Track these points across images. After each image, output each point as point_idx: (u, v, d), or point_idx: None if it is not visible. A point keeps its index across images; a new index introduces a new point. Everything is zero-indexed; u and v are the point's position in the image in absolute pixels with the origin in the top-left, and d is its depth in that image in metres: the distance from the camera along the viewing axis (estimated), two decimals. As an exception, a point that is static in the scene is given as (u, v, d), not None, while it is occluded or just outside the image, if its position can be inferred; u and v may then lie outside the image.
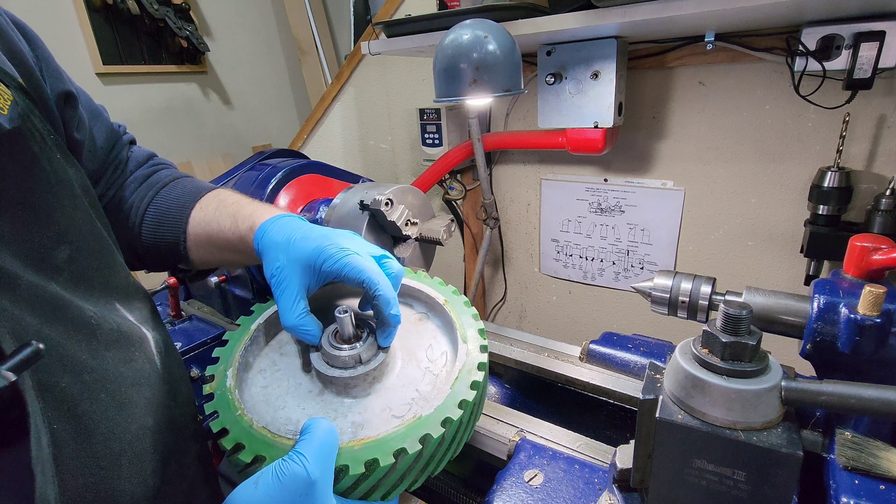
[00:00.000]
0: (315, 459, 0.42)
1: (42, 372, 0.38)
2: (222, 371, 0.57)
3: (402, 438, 0.48)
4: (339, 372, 0.56)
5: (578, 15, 1.02)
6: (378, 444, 0.48)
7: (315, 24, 3.17)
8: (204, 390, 0.55)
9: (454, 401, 0.52)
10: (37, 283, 0.41)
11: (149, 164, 0.75)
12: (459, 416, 0.51)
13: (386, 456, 0.47)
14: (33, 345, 0.34)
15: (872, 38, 0.96)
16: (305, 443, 0.44)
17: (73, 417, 0.40)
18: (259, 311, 0.67)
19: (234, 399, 0.53)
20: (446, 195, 1.76)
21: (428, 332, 0.66)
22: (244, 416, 0.51)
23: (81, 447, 0.40)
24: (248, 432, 0.49)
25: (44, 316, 0.41)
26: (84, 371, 0.43)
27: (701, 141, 1.33)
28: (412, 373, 0.60)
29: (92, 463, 0.41)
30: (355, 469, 0.46)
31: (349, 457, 0.46)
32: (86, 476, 0.40)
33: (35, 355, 0.34)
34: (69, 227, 0.47)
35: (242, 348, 0.61)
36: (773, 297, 0.56)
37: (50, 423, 0.37)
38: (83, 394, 0.42)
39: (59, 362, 0.40)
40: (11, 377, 0.33)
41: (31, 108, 0.46)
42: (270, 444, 0.48)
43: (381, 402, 0.56)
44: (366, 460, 0.46)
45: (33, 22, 0.56)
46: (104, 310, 0.49)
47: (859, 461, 0.46)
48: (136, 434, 0.46)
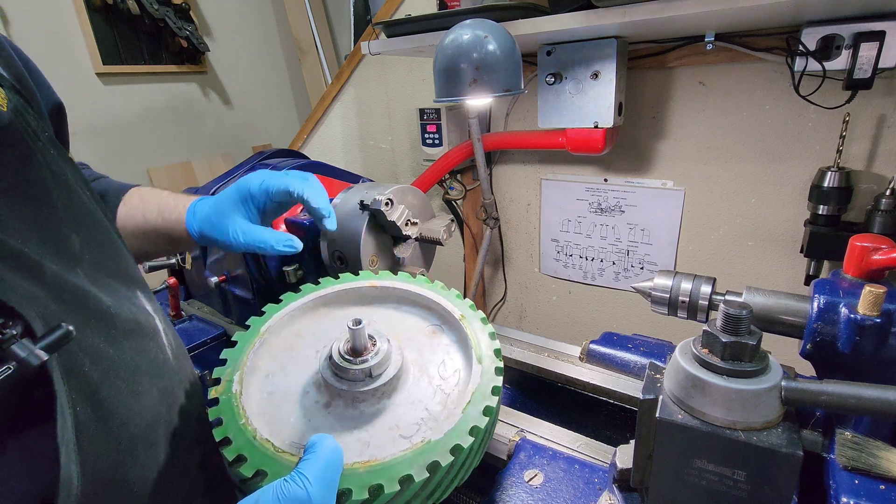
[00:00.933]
0: (318, 482, 0.42)
1: (66, 356, 0.39)
2: (229, 375, 0.56)
3: (410, 464, 0.46)
4: (347, 385, 0.54)
5: (578, 15, 1.02)
6: (384, 468, 0.46)
7: (315, 24, 3.17)
8: (209, 394, 0.54)
9: (465, 426, 0.50)
10: (60, 272, 0.42)
11: None
12: (470, 443, 0.49)
13: (391, 482, 0.45)
14: (63, 327, 0.36)
15: (872, 38, 0.96)
16: (309, 463, 0.43)
17: (95, 402, 0.41)
18: (270, 312, 0.65)
19: (238, 406, 0.52)
20: (446, 195, 1.76)
21: (441, 347, 0.63)
22: (248, 425, 0.50)
23: (101, 431, 0.41)
24: (251, 444, 0.48)
25: (66, 304, 0.42)
26: (103, 358, 0.44)
27: (701, 141, 1.33)
28: (423, 389, 0.57)
29: (110, 447, 0.42)
30: (359, 494, 0.44)
31: (353, 480, 0.45)
32: (104, 459, 0.41)
33: (65, 337, 0.36)
34: (73, 219, 0.48)
35: (251, 351, 0.59)
36: (773, 297, 0.56)
37: (74, 405, 0.39)
38: (103, 380, 0.43)
39: (80, 349, 0.42)
40: (44, 356, 0.35)
41: (25, 107, 0.47)
42: (273, 458, 0.47)
43: (390, 420, 0.54)
44: (370, 485, 0.45)
45: (33, 22, 0.56)
46: (119, 300, 0.50)
47: (859, 461, 0.46)
48: (150, 422, 0.48)
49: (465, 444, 0.49)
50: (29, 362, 0.34)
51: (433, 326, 0.67)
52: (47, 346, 0.35)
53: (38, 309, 0.38)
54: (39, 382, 0.37)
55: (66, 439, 0.37)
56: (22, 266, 0.39)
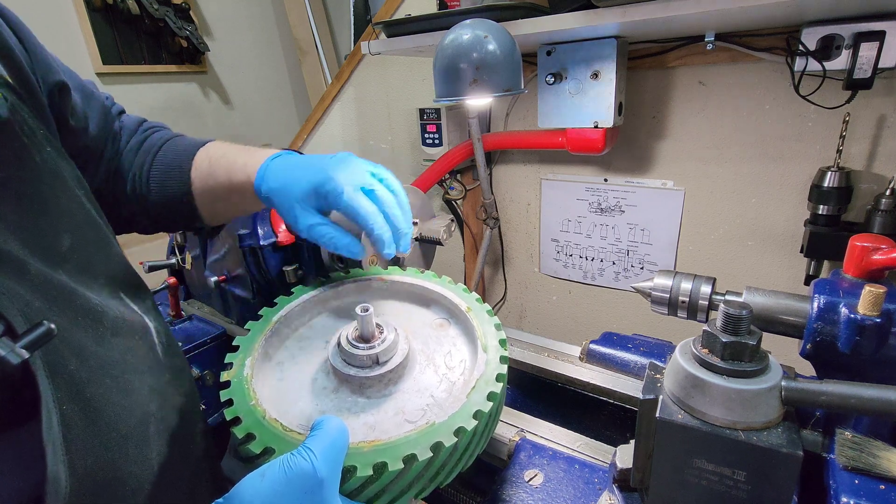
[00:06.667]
0: (323, 457, 0.42)
1: (51, 354, 0.39)
2: (241, 360, 0.58)
3: (414, 444, 0.47)
4: (355, 371, 0.56)
5: (578, 15, 1.02)
6: (388, 447, 0.47)
7: (315, 24, 3.17)
8: (221, 377, 0.56)
9: (469, 411, 0.51)
10: (44, 270, 0.42)
11: (140, 131, 0.75)
12: (473, 426, 0.50)
13: (395, 461, 0.46)
14: (45, 324, 0.36)
15: (872, 37, 0.96)
16: (315, 439, 0.44)
17: (82, 400, 0.41)
18: (283, 304, 0.67)
19: (249, 388, 0.54)
20: (446, 195, 1.76)
21: (448, 338, 0.65)
22: (258, 406, 0.51)
23: (89, 429, 0.41)
24: (261, 423, 0.50)
25: (51, 302, 0.42)
26: (90, 357, 0.44)
27: (701, 141, 1.33)
28: (429, 378, 0.59)
29: (99, 445, 0.42)
30: (363, 471, 0.45)
31: (358, 458, 0.46)
32: (93, 457, 0.41)
33: (47, 334, 0.36)
34: (66, 218, 0.48)
35: (263, 339, 0.61)
36: (773, 297, 0.56)
37: (60, 404, 0.38)
38: (90, 378, 0.43)
39: (67, 347, 0.41)
40: (25, 354, 0.34)
41: (20, 104, 0.47)
42: (281, 437, 0.48)
43: (396, 406, 0.55)
44: (374, 463, 0.46)
45: (33, 22, 0.55)
46: (107, 299, 0.50)
47: (859, 461, 0.46)
48: (140, 419, 0.48)
49: (469, 427, 0.50)
50: (9, 360, 0.33)
51: (441, 319, 0.68)
52: (28, 344, 0.35)
53: (21, 307, 0.38)
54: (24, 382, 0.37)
55: (52, 438, 0.37)
56: (4, 263, 0.39)
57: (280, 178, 0.64)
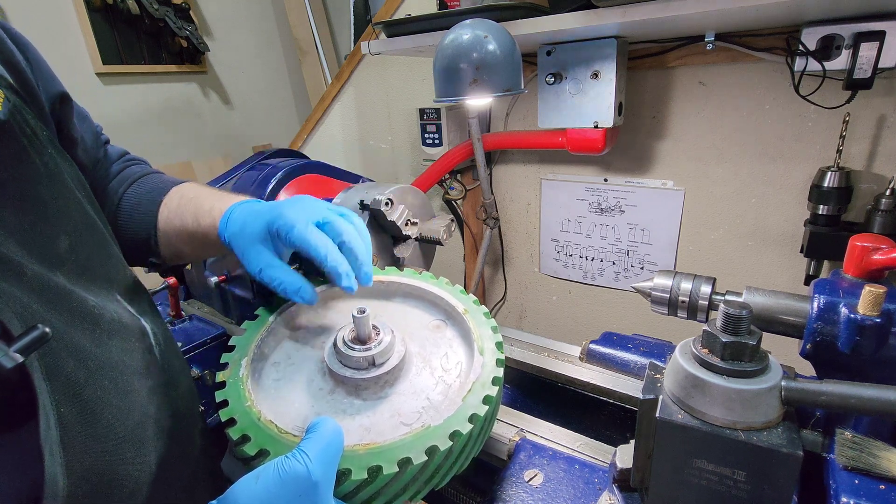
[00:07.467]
0: (318, 459, 0.42)
1: (49, 356, 0.39)
2: (237, 360, 0.58)
3: (409, 448, 0.47)
4: (351, 372, 0.55)
5: (578, 15, 1.02)
6: (383, 450, 0.47)
7: (315, 24, 3.17)
8: (217, 377, 0.56)
9: (465, 414, 0.51)
10: (41, 272, 0.42)
11: (121, 161, 0.76)
12: (469, 430, 0.50)
13: (390, 464, 0.46)
14: (40, 328, 0.36)
15: (872, 37, 0.96)
16: (310, 441, 0.44)
17: (79, 402, 0.41)
18: (279, 304, 0.67)
19: (245, 389, 0.54)
20: (446, 195, 1.76)
21: (445, 340, 0.65)
22: (253, 407, 0.51)
23: (87, 431, 0.41)
24: (256, 424, 0.50)
25: (49, 304, 0.42)
26: (88, 358, 0.44)
27: (701, 141, 1.33)
28: (425, 380, 0.59)
29: (97, 446, 0.42)
30: (358, 474, 0.45)
31: (353, 461, 0.46)
32: (91, 458, 0.41)
33: (41, 338, 0.36)
34: (65, 219, 0.48)
35: (259, 339, 0.61)
36: (773, 297, 0.56)
37: (57, 405, 0.38)
38: (88, 380, 0.43)
39: (64, 348, 0.41)
40: (19, 358, 0.34)
41: (22, 106, 0.47)
42: (276, 438, 0.48)
43: (391, 408, 0.55)
44: (369, 466, 0.46)
45: (33, 21, 0.56)
46: (105, 300, 0.50)
47: (859, 461, 0.46)
48: (138, 421, 0.48)
49: (464, 430, 0.50)
50: (2, 364, 0.33)
51: (437, 321, 0.68)
52: (23, 348, 0.35)
53: (17, 309, 0.38)
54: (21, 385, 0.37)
55: (49, 439, 0.37)
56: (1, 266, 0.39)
57: (239, 221, 0.64)
